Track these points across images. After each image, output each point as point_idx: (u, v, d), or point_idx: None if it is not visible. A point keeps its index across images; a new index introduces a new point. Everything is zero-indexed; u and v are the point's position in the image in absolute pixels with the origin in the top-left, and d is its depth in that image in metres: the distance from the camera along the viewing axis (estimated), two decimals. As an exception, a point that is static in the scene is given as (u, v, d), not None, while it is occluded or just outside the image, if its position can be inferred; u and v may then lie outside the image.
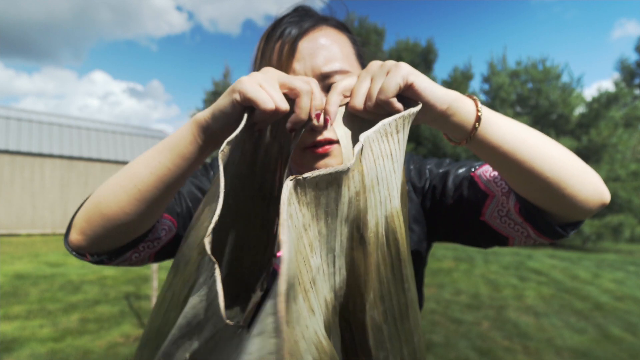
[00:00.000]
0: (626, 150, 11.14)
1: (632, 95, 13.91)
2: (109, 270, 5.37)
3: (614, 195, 10.53)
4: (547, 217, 0.47)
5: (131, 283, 4.71)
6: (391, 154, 0.35)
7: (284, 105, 0.37)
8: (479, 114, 0.41)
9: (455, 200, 0.57)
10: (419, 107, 0.37)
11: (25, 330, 3.01)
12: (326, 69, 0.50)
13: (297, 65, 0.51)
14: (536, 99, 12.11)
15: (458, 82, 14.04)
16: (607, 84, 37.79)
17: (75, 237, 0.46)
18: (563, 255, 9.04)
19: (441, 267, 6.49)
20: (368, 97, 0.39)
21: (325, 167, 0.51)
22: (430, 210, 0.61)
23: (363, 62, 0.59)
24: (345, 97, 0.42)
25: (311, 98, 0.39)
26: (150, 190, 0.42)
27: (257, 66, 0.55)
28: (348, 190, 0.32)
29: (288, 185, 0.26)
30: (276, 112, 0.37)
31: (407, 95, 0.39)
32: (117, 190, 0.42)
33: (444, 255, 8.15)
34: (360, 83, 0.40)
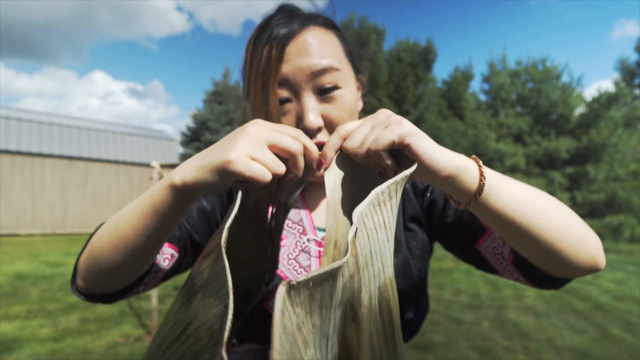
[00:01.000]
0: (626, 150, 11.14)
1: (632, 95, 13.91)
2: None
3: (613, 195, 10.53)
4: (539, 272, 0.48)
5: (131, 283, 4.70)
6: (384, 224, 0.34)
7: (281, 169, 0.35)
8: (482, 182, 0.39)
9: (454, 222, 0.57)
10: (413, 168, 0.35)
11: (25, 330, 3.01)
12: (315, 68, 0.49)
13: (285, 67, 0.49)
14: (536, 99, 12.11)
15: (458, 82, 14.04)
16: (607, 84, 37.80)
17: (81, 283, 0.47)
18: (563, 255, 9.03)
19: (441, 267, 6.49)
20: (360, 144, 0.37)
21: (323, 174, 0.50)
22: (426, 219, 0.61)
23: (353, 59, 0.57)
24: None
25: (305, 154, 0.37)
26: (141, 247, 0.42)
27: (247, 71, 0.54)
28: (342, 277, 0.30)
29: (281, 292, 0.25)
30: (274, 178, 0.35)
31: (405, 154, 0.37)
32: (111, 249, 0.43)
33: (444, 255, 8.15)
34: (360, 128, 0.39)
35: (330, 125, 0.51)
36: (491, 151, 11.63)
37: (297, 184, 0.41)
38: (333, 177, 0.39)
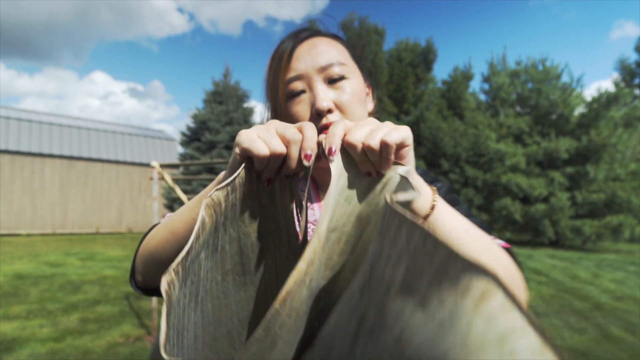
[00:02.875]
0: (626, 150, 11.14)
1: (632, 95, 13.91)
2: (109, 270, 5.37)
3: (613, 195, 10.53)
4: None
5: (131, 283, 4.71)
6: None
7: (280, 149, 0.38)
8: (430, 212, 0.42)
9: None
10: (417, 195, 0.36)
11: (25, 330, 3.01)
12: (324, 61, 0.54)
13: (296, 63, 0.54)
14: (536, 99, 12.11)
15: (458, 82, 14.04)
16: (606, 84, 37.81)
17: (139, 278, 0.53)
18: (563, 255, 9.03)
19: (441, 267, 6.49)
20: (370, 136, 0.38)
21: None
22: None
23: (361, 65, 0.61)
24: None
25: (301, 145, 0.39)
26: None
27: (269, 81, 0.59)
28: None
29: (164, 286, 0.28)
30: (273, 156, 0.38)
31: (400, 157, 0.40)
32: (165, 244, 0.48)
33: (444, 255, 8.14)
34: (366, 123, 0.40)
35: (341, 109, 0.54)
36: (491, 151, 11.63)
37: (303, 178, 0.42)
38: (336, 168, 0.39)
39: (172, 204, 8.37)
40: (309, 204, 0.58)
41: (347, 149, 0.39)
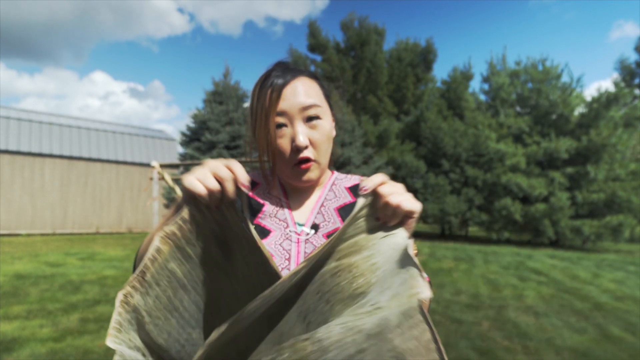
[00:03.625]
0: (626, 150, 11.14)
1: (632, 95, 13.92)
2: (109, 270, 5.37)
3: (613, 195, 10.54)
4: None
5: (131, 283, 4.70)
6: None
7: (215, 187, 0.50)
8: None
9: None
10: (409, 242, 0.52)
11: (25, 330, 3.01)
12: (305, 103, 0.68)
13: (282, 104, 0.67)
14: (536, 99, 12.11)
15: (458, 82, 14.03)
16: (606, 84, 37.78)
17: None
18: (563, 255, 9.04)
19: (441, 267, 6.49)
20: (393, 195, 0.52)
21: (308, 180, 0.69)
22: None
23: (329, 102, 0.76)
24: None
25: (236, 179, 0.52)
26: None
27: (254, 108, 0.71)
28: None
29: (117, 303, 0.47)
30: (210, 193, 0.50)
31: (406, 221, 0.54)
32: (147, 247, 0.60)
33: (444, 255, 8.15)
34: (395, 185, 0.54)
35: (314, 145, 0.69)
36: (491, 151, 11.63)
37: (242, 203, 0.56)
38: (361, 201, 0.54)
39: (172, 203, 8.36)
40: (281, 208, 0.73)
41: (375, 194, 0.54)
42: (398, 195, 0.52)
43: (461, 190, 12.22)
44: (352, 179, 0.78)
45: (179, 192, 2.93)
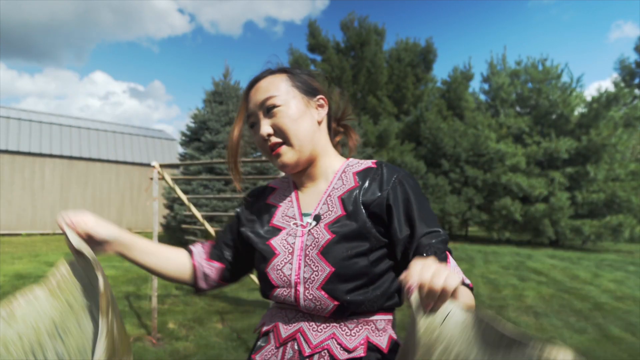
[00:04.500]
0: (626, 150, 11.14)
1: (632, 95, 13.91)
2: (109, 270, 5.37)
3: (613, 195, 10.53)
4: None
5: (131, 283, 4.71)
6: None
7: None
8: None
9: (403, 253, 0.68)
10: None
11: (25, 330, 3.01)
12: (261, 98, 0.73)
13: (249, 106, 0.75)
14: (536, 99, 12.11)
15: (458, 82, 14.03)
16: (606, 84, 37.78)
17: None
18: (563, 255, 9.04)
19: (441, 267, 6.48)
20: (433, 280, 0.48)
21: (284, 164, 0.71)
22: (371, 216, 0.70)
23: (305, 88, 0.76)
24: None
25: (74, 229, 0.68)
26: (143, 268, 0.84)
27: (241, 111, 0.79)
28: None
29: None
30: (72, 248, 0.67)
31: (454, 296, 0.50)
32: None
33: (444, 255, 8.14)
34: (429, 268, 0.49)
35: (277, 130, 0.72)
36: (491, 151, 11.63)
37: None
38: (414, 300, 0.49)
39: (172, 204, 8.37)
40: (291, 205, 0.77)
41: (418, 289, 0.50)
42: (437, 277, 0.48)
43: (461, 190, 12.22)
44: (363, 164, 0.76)
45: (179, 192, 2.93)
